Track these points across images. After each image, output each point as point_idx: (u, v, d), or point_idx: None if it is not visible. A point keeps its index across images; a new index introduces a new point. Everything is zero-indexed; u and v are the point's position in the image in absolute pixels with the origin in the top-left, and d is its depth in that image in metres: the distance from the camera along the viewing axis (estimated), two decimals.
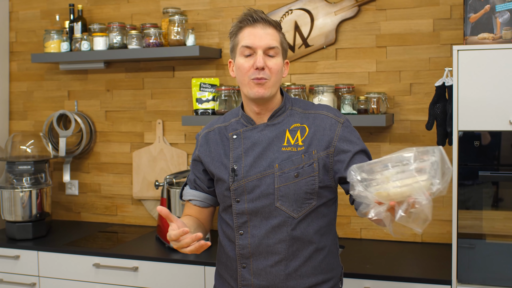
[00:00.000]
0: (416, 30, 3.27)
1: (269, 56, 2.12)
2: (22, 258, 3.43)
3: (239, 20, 2.16)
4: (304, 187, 2.12)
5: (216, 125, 2.31)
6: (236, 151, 2.19)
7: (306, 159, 2.12)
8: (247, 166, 2.16)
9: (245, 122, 2.23)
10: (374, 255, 3.11)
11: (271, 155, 2.15)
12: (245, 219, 2.17)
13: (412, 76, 3.29)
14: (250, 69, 2.11)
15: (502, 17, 2.66)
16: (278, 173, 2.12)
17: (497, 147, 2.64)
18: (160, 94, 3.83)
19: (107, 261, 3.25)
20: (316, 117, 2.18)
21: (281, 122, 2.19)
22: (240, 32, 2.15)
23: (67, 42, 3.77)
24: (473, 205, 2.68)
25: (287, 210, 2.12)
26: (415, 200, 1.69)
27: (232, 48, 2.19)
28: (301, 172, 2.12)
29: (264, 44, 2.10)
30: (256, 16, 2.12)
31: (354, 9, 3.36)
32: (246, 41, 2.11)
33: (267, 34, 2.11)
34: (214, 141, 2.27)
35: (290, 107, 2.22)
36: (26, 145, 3.87)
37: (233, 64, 2.21)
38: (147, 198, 3.87)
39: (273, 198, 2.13)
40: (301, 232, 2.14)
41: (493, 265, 2.66)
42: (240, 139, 2.20)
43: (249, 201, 2.15)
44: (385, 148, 3.35)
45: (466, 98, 2.64)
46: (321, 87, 3.23)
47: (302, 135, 2.16)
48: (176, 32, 3.52)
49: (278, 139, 2.16)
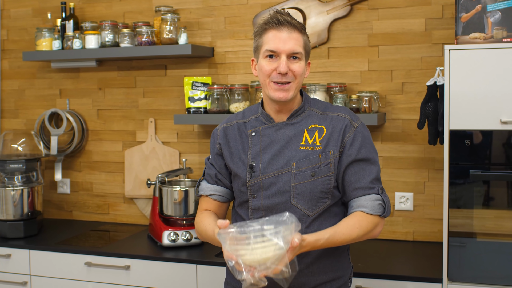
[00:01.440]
0: (408, 30, 3.28)
1: (293, 59, 2.13)
2: (14, 257, 3.41)
3: (264, 21, 2.15)
4: (320, 186, 2.15)
5: (235, 120, 2.33)
6: (254, 148, 2.22)
7: (323, 158, 2.15)
8: (264, 163, 2.19)
9: (264, 119, 2.25)
10: (365, 254, 3.11)
11: (289, 153, 2.18)
12: (260, 215, 2.19)
13: (404, 75, 3.30)
14: (273, 72, 2.12)
15: (493, 16, 2.67)
16: (295, 171, 2.15)
17: (488, 146, 2.65)
18: (152, 92, 3.82)
19: (99, 260, 3.24)
20: (333, 118, 2.21)
21: (300, 122, 2.21)
22: (264, 34, 2.14)
23: (59, 40, 3.76)
24: (464, 204, 2.70)
25: (303, 208, 2.15)
26: (275, 268, 1.85)
27: (256, 48, 2.20)
28: (317, 171, 2.15)
29: (288, 49, 2.11)
30: (282, 19, 2.11)
31: (347, 8, 3.37)
32: (271, 44, 2.11)
33: (291, 38, 2.11)
34: (233, 136, 2.29)
35: (309, 108, 2.24)
36: (18, 143, 3.86)
37: (255, 63, 2.23)
38: (139, 197, 3.87)
39: (289, 196, 2.16)
40: (315, 230, 2.15)
41: (484, 263, 2.67)
42: (258, 136, 2.23)
43: (266, 197, 2.18)
44: (377, 147, 3.36)
45: (457, 97, 2.65)
46: (313, 86, 3.24)
47: (320, 135, 2.18)
48: (169, 31, 3.51)
49: (296, 138, 2.19)
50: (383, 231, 3.38)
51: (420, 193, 3.31)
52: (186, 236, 3.24)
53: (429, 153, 3.28)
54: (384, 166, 3.36)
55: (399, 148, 3.33)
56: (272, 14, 2.15)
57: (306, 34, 2.19)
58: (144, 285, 3.16)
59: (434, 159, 3.27)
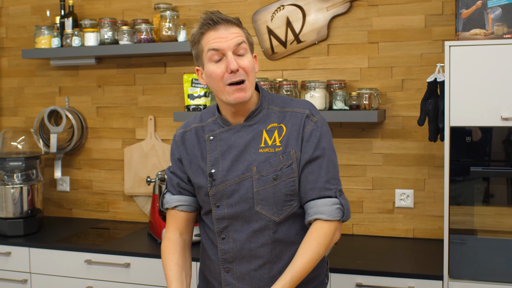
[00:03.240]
0: (408, 26, 3.27)
1: (239, 56, 2.03)
2: (14, 255, 3.41)
3: (199, 26, 2.05)
4: (283, 189, 2.06)
5: (193, 124, 2.22)
6: (212, 154, 2.13)
7: (285, 159, 2.06)
8: (224, 170, 2.09)
9: (221, 123, 2.15)
10: (366, 251, 3.11)
11: (249, 157, 2.08)
12: (226, 224, 2.11)
13: (404, 72, 3.30)
14: (224, 74, 2.01)
15: (494, 13, 2.66)
16: (256, 176, 2.06)
17: (488, 142, 2.65)
18: (152, 90, 3.82)
19: (99, 257, 3.23)
20: (292, 115, 2.11)
21: (258, 122, 2.11)
22: (203, 38, 2.04)
23: (58, 38, 3.75)
24: (465, 201, 2.69)
25: (268, 213, 2.07)
26: None
27: (197, 56, 2.09)
28: (279, 174, 2.05)
29: (232, 44, 2.01)
30: (216, 18, 2.01)
31: (346, 5, 3.36)
32: (212, 44, 2.01)
33: (231, 33, 2.01)
34: (190, 142, 2.20)
35: (266, 106, 2.13)
36: (17, 141, 3.86)
37: (201, 72, 2.11)
38: (139, 194, 3.86)
39: (253, 202, 2.06)
40: (284, 234, 2.09)
41: (484, 260, 2.67)
42: (216, 141, 2.13)
43: (229, 206, 2.09)
44: (377, 144, 3.35)
45: (457, 94, 2.65)
46: (313, 83, 3.23)
47: (279, 135, 2.08)
48: (168, 28, 3.50)
49: (255, 140, 2.09)
50: (384, 228, 3.38)
51: (420, 190, 3.31)
52: None
53: (429, 150, 3.27)
54: (384, 163, 3.36)
55: (399, 145, 3.33)
56: (203, 17, 2.04)
57: (244, 28, 2.09)
58: (144, 282, 3.15)
59: (434, 156, 3.27)
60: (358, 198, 3.41)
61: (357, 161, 3.40)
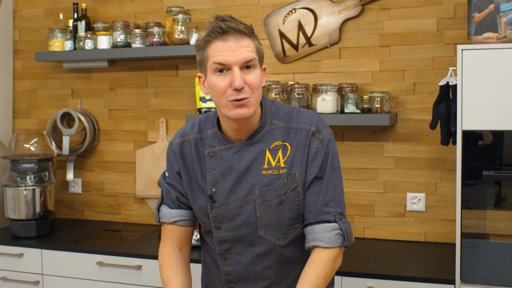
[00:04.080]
0: (420, 30, 3.27)
1: (247, 69, 1.85)
2: (26, 256, 3.43)
3: (206, 33, 1.86)
4: (288, 214, 1.95)
5: (192, 135, 2.05)
6: (213, 173, 1.98)
7: (289, 183, 1.93)
8: (225, 193, 1.96)
9: (221, 139, 1.99)
10: (377, 255, 3.11)
11: (251, 179, 1.94)
12: (228, 246, 2.01)
13: (415, 76, 3.29)
14: (227, 89, 1.84)
15: (506, 16, 2.66)
16: (259, 200, 1.93)
17: (500, 146, 2.64)
18: (164, 93, 3.83)
19: (111, 260, 3.25)
20: (297, 133, 1.96)
21: (260, 140, 1.96)
22: (208, 46, 1.85)
23: (71, 41, 3.78)
24: (477, 205, 2.68)
25: (272, 238, 1.97)
26: None
27: (201, 62, 1.91)
28: (284, 198, 1.93)
29: (240, 59, 1.83)
30: (226, 27, 1.82)
31: (358, 8, 3.36)
32: (218, 57, 1.83)
33: (241, 46, 1.83)
34: (189, 156, 2.03)
35: (270, 121, 1.97)
36: (30, 143, 3.88)
37: (204, 80, 1.94)
38: (151, 197, 3.88)
39: (256, 227, 1.95)
40: (289, 256, 2.01)
41: (497, 264, 2.66)
42: (216, 158, 1.98)
43: (230, 229, 1.98)
44: (388, 147, 3.35)
45: (470, 97, 2.64)
46: (324, 86, 3.23)
47: (284, 155, 1.94)
48: (180, 31, 3.52)
49: (257, 161, 1.94)
50: (395, 232, 3.38)
51: (432, 193, 3.30)
52: (197, 236, 3.25)
53: (441, 154, 3.27)
54: (396, 166, 3.35)
55: (410, 148, 3.32)
56: (213, 22, 1.86)
57: (256, 36, 1.91)
58: (156, 285, 3.16)
59: (446, 160, 3.26)
60: (370, 201, 3.41)
61: (368, 165, 3.40)
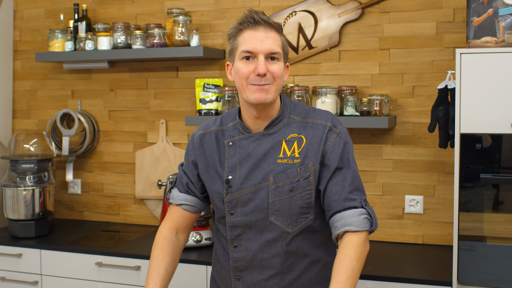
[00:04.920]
0: (419, 33, 3.29)
1: (271, 60, 2.00)
2: (25, 256, 3.44)
3: (239, 21, 2.03)
4: (299, 202, 2.04)
5: (213, 127, 2.20)
6: (231, 160, 2.10)
7: (302, 172, 2.03)
8: (241, 178, 2.07)
9: (241, 129, 2.12)
10: (375, 256, 3.12)
11: (266, 167, 2.05)
12: (239, 232, 2.10)
13: (414, 79, 3.31)
14: (251, 74, 2.00)
15: (505, 21, 2.67)
16: (273, 186, 2.03)
17: (498, 150, 2.66)
18: (164, 94, 3.84)
19: (110, 260, 3.26)
20: (313, 127, 2.07)
21: (278, 131, 2.08)
22: (240, 35, 2.02)
23: (72, 42, 3.79)
24: (474, 208, 2.70)
25: (281, 225, 2.05)
26: None
27: (231, 51, 2.06)
28: (296, 186, 2.03)
29: (266, 49, 1.98)
30: (258, 18, 2.00)
31: (358, 12, 3.38)
32: (247, 45, 1.99)
33: (269, 38, 1.99)
34: (209, 146, 2.17)
35: (287, 115, 2.10)
36: (30, 143, 3.89)
37: (231, 67, 2.09)
38: (150, 198, 3.89)
39: (267, 213, 2.05)
40: (297, 246, 2.07)
41: (494, 267, 2.67)
42: (235, 147, 2.10)
43: (243, 214, 2.07)
44: (387, 150, 3.36)
45: (468, 101, 2.66)
46: (324, 88, 3.25)
47: (299, 146, 2.05)
48: (180, 33, 3.53)
49: (274, 150, 2.06)
50: (393, 234, 3.39)
51: (430, 196, 3.32)
52: (197, 237, 3.26)
53: (439, 157, 3.28)
54: (394, 169, 3.37)
55: (409, 151, 3.34)
56: (246, 13, 2.02)
57: (284, 35, 2.07)
58: None
59: (444, 163, 3.27)
60: None
61: (367, 167, 3.42)
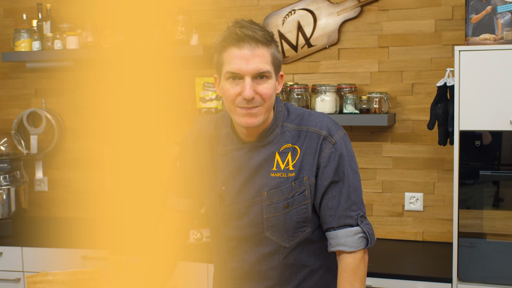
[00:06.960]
0: (418, 31, 3.29)
1: (259, 79, 1.82)
2: (5, 255, 3.45)
3: (222, 37, 1.84)
4: (295, 217, 1.94)
5: (207, 132, 2.06)
6: (224, 172, 1.99)
7: (297, 186, 1.92)
8: (234, 192, 1.97)
9: (234, 138, 1.98)
10: (375, 254, 3.12)
11: (259, 181, 1.94)
12: (235, 244, 2.02)
13: (414, 76, 3.32)
14: (237, 97, 1.83)
15: (503, 18, 2.68)
16: (267, 202, 1.93)
17: (497, 146, 2.67)
18: None
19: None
20: (307, 136, 1.93)
21: (271, 142, 1.94)
22: (224, 51, 1.83)
23: (39, 41, 3.76)
24: (474, 205, 2.71)
25: (278, 240, 1.96)
26: None
27: (217, 66, 1.88)
28: (291, 202, 1.92)
29: (252, 69, 1.79)
30: (242, 34, 1.79)
31: (357, 10, 3.39)
32: (232, 66, 1.80)
33: (255, 56, 1.80)
34: (203, 152, 2.05)
35: (281, 123, 1.95)
36: (0, 143, 3.93)
37: (218, 82, 1.91)
38: None
39: (262, 228, 1.96)
40: (294, 258, 2.00)
41: (493, 263, 2.68)
42: (228, 158, 1.98)
43: (238, 228, 1.99)
44: (386, 147, 3.37)
45: (467, 98, 2.66)
46: (323, 86, 3.25)
47: (293, 158, 1.92)
48: (180, 32, 3.53)
49: (266, 163, 1.93)
50: (393, 231, 3.40)
51: (429, 193, 3.32)
52: (197, 235, 3.26)
53: (438, 154, 3.29)
54: (394, 166, 3.38)
55: (408, 148, 3.35)
56: (230, 27, 1.83)
57: (275, 42, 1.86)
58: None
59: (443, 160, 3.28)
60: (368, 201, 3.43)
61: (367, 165, 3.42)
